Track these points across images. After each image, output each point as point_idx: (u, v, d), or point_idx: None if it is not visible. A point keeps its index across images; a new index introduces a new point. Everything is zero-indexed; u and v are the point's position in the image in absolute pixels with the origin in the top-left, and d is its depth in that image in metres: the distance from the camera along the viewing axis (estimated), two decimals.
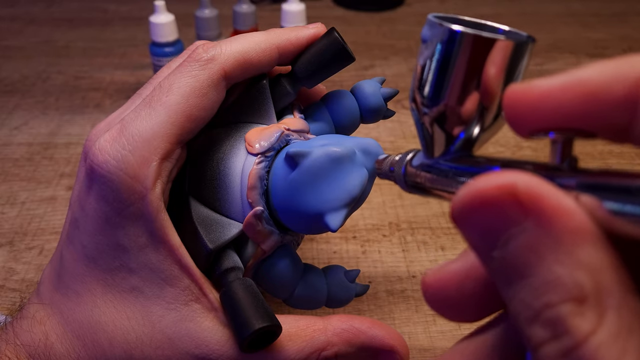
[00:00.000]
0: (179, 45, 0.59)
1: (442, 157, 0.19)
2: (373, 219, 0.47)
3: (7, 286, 0.40)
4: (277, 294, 0.30)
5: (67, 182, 0.51)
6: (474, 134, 0.18)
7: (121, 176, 0.25)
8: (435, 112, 0.18)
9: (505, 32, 0.18)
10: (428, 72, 0.18)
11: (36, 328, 0.28)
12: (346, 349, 0.27)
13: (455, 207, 0.14)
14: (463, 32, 0.16)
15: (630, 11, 0.88)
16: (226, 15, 0.66)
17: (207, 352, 0.26)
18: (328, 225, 0.26)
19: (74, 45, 0.76)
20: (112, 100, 0.63)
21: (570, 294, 0.12)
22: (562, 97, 0.14)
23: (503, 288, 0.14)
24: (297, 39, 0.29)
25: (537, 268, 0.13)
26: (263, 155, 0.28)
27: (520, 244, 0.13)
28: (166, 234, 0.26)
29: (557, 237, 0.13)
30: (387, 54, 0.74)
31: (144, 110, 0.26)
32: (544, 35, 0.80)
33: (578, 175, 0.14)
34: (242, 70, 0.28)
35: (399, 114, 0.61)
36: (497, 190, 0.13)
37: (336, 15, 0.86)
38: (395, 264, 0.43)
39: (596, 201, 0.13)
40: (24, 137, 0.57)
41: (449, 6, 0.90)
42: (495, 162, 0.17)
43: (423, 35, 0.18)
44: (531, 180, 0.13)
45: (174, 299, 0.27)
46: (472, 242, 0.15)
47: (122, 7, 0.88)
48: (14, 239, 0.44)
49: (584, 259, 0.12)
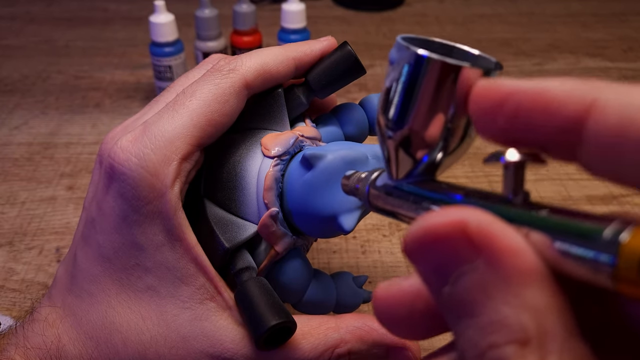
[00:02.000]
0: (179, 45, 0.59)
1: (405, 179, 0.19)
2: (373, 219, 0.47)
3: (6, 286, 0.40)
4: (288, 298, 0.30)
5: (67, 182, 0.51)
6: (437, 158, 0.18)
7: (142, 173, 0.26)
8: (399, 136, 0.18)
9: (475, 56, 0.18)
10: (394, 95, 0.18)
11: (48, 331, 0.28)
12: (359, 346, 0.27)
13: (408, 241, 0.14)
14: (429, 58, 0.16)
15: (630, 11, 0.88)
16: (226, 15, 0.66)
17: (221, 350, 0.26)
18: (342, 226, 0.27)
19: (74, 45, 0.76)
20: (112, 100, 0.63)
21: (514, 336, 0.13)
22: (523, 99, 0.14)
23: (452, 323, 0.14)
24: (311, 51, 0.30)
25: (484, 307, 0.13)
26: (279, 158, 0.29)
27: (470, 282, 0.13)
28: (183, 232, 0.27)
29: (506, 277, 0.13)
30: (386, 54, 0.73)
31: (167, 114, 0.27)
32: (543, 35, 0.80)
33: (529, 211, 0.14)
34: (262, 81, 0.29)
35: None
36: (449, 227, 0.13)
37: (336, 15, 0.86)
38: (395, 264, 0.43)
39: (546, 240, 0.13)
40: (24, 136, 0.57)
41: (447, 6, 0.90)
42: (457, 190, 0.17)
43: (391, 57, 0.18)
44: (482, 218, 0.13)
45: (189, 297, 0.27)
46: (423, 276, 0.15)
47: (122, 7, 0.87)
48: (13, 239, 0.44)
49: (530, 301, 0.13)
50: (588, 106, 0.13)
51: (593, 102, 0.13)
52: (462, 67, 0.16)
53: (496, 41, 0.78)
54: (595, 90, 0.13)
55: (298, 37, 0.60)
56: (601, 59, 0.74)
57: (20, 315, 0.38)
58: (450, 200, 0.17)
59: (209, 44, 0.61)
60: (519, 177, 0.15)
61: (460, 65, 0.16)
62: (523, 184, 0.15)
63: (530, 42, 0.78)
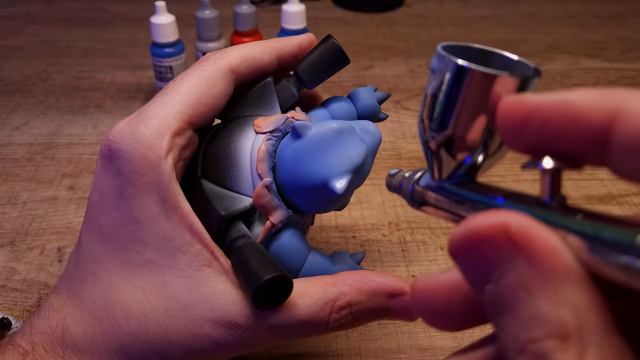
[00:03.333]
0: (180, 46, 0.59)
1: (447, 180, 0.20)
2: (373, 218, 0.47)
3: (8, 286, 0.41)
4: None
5: (68, 182, 0.51)
6: (478, 160, 0.19)
7: (136, 146, 0.27)
8: (442, 139, 0.19)
9: (515, 62, 0.19)
10: (435, 102, 0.19)
11: (53, 315, 0.28)
12: (358, 297, 0.28)
13: (453, 243, 0.15)
14: (469, 68, 0.17)
15: (629, 12, 0.88)
16: (227, 16, 0.66)
17: (222, 314, 0.27)
18: (333, 189, 0.27)
19: (75, 45, 0.76)
20: (112, 100, 0.64)
21: (554, 330, 0.13)
22: (550, 113, 0.15)
23: (494, 318, 0.15)
24: (290, 42, 0.33)
25: (525, 303, 0.14)
26: (271, 134, 0.30)
27: (512, 279, 0.14)
28: (177, 200, 0.27)
29: (545, 275, 0.14)
30: (386, 55, 0.74)
31: (159, 98, 0.29)
32: (543, 36, 0.80)
33: (566, 215, 0.15)
34: (247, 67, 0.31)
35: (398, 114, 0.61)
36: (492, 229, 0.14)
37: (336, 16, 0.86)
38: (394, 264, 0.43)
39: (581, 244, 0.14)
40: (25, 137, 0.57)
41: (447, 7, 0.90)
42: (497, 191, 0.18)
43: (432, 66, 0.19)
44: (522, 220, 0.14)
45: (186, 265, 0.27)
46: (467, 275, 0.16)
47: (123, 7, 0.88)
48: (15, 239, 0.45)
49: (569, 298, 0.13)
50: (613, 115, 0.14)
51: (617, 110, 0.13)
52: (498, 76, 0.17)
53: (496, 42, 0.78)
54: (618, 98, 0.14)
55: None
56: (600, 60, 0.74)
57: (22, 314, 0.38)
58: (491, 202, 0.18)
59: (210, 44, 0.61)
60: (555, 182, 0.15)
61: (499, 74, 0.17)
62: (560, 188, 0.16)
63: (530, 43, 0.78)
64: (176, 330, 0.27)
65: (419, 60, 0.73)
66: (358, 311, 0.28)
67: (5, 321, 0.35)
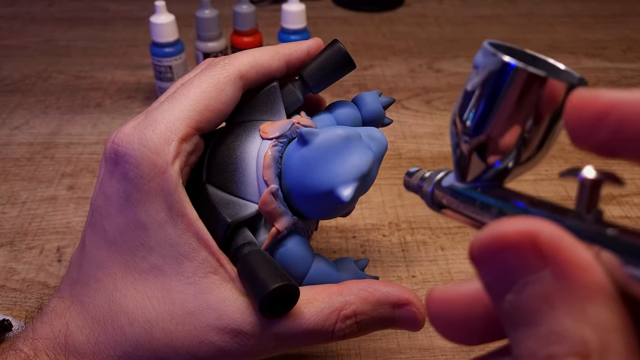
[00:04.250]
0: (179, 46, 0.59)
1: (473, 182, 0.19)
2: (373, 218, 0.47)
3: (7, 286, 0.40)
4: None
5: (67, 182, 0.51)
6: (508, 165, 0.18)
7: (143, 151, 0.27)
8: (475, 140, 0.18)
9: (559, 70, 0.18)
10: (475, 99, 0.18)
11: (56, 321, 0.28)
12: (364, 307, 0.28)
13: (475, 247, 0.14)
14: (517, 67, 0.16)
15: (629, 12, 0.88)
16: (226, 15, 0.66)
17: (228, 322, 0.27)
18: (340, 196, 0.27)
19: (75, 45, 0.76)
20: (112, 100, 0.64)
21: (575, 349, 0.12)
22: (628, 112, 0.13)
23: (510, 330, 0.14)
24: (299, 47, 0.33)
25: (546, 317, 0.13)
26: (277, 140, 0.30)
27: (535, 291, 0.13)
28: (184, 207, 0.27)
29: (572, 291, 0.13)
30: (386, 55, 0.74)
31: (167, 102, 0.29)
32: (542, 36, 0.80)
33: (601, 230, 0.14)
34: (256, 73, 0.31)
35: (398, 114, 0.61)
36: (519, 236, 0.13)
37: (336, 15, 0.86)
38: (394, 264, 0.43)
39: (617, 262, 0.13)
40: (25, 136, 0.57)
41: (446, 7, 0.90)
42: (525, 199, 0.17)
43: (476, 62, 0.18)
44: (554, 231, 0.13)
45: (192, 272, 0.27)
46: (486, 281, 0.15)
47: (122, 7, 0.88)
48: (14, 238, 0.45)
49: (594, 316, 0.13)
50: None
51: None
52: (548, 78, 0.16)
53: None
54: None
55: (298, 37, 0.61)
56: (600, 60, 0.74)
57: (21, 314, 0.38)
58: (519, 209, 0.17)
59: (210, 44, 0.61)
60: (594, 195, 0.15)
61: (547, 76, 0.16)
62: (597, 201, 0.15)
63: (530, 43, 0.78)
64: (181, 337, 0.26)
65: (419, 59, 0.73)
66: (363, 321, 0.28)
67: (6, 323, 0.35)
